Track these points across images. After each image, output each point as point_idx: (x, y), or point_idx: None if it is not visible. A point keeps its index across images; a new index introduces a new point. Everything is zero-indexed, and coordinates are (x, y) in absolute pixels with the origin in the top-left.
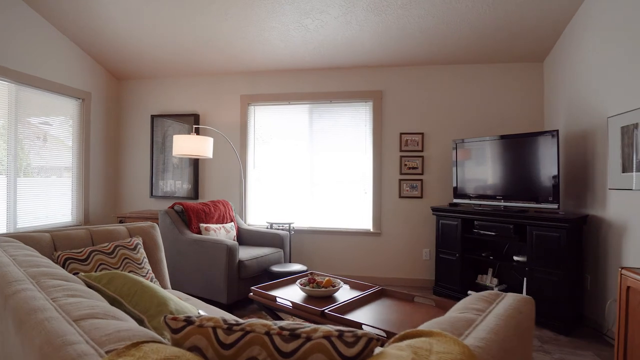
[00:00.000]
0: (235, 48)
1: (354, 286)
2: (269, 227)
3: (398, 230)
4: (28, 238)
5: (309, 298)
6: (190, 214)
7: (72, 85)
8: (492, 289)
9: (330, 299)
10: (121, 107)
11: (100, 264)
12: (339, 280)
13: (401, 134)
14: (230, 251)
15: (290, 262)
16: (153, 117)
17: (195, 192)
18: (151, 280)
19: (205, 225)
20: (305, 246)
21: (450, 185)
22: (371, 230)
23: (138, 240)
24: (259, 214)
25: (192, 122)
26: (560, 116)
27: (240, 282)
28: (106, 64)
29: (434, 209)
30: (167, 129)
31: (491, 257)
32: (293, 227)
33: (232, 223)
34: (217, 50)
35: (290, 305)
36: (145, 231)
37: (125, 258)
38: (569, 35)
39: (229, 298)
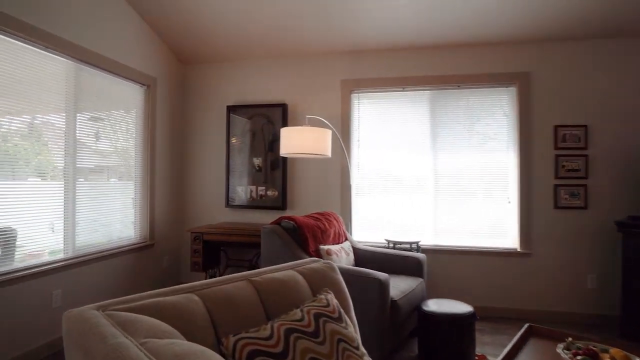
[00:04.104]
0: (340, 18)
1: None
2: (387, 246)
3: (554, 250)
4: (172, 311)
5: None
6: (305, 233)
7: (137, 67)
8: None
9: None
10: (189, 97)
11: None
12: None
13: (556, 126)
14: (383, 288)
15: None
16: (229, 108)
17: (283, 201)
18: None
19: (325, 247)
20: (428, 269)
21: (628, 192)
22: (518, 249)
23: (334, 299)
24: (366, 228)
25: (280, 113)
26: None
27: (391, 329)
28: (172, 45)
29: (620, 224)
30: (247, 122)
31: None
32: (420, 246)
33: (348, 242)
34: (313, 23)
35: None
36: (325, 277)
37: (340, 340)
38: None
39: (382, 352)
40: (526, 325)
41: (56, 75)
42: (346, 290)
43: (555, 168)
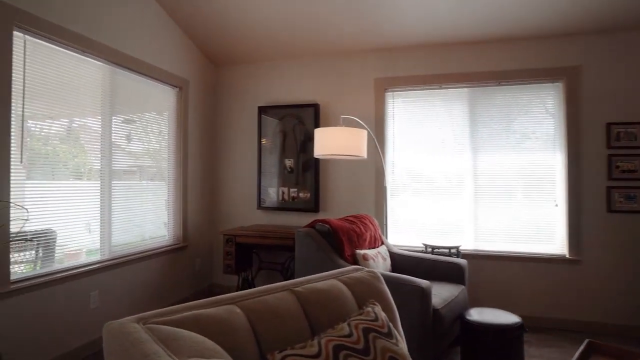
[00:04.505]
0: (373, 15)
1: None
2: (424, 250)
3: (607, 257)
4: (214, 325)
5: None
6: (341, 237)
7: (170, 70)
8: None
9: None
10: (220, 98)
11: None
12: None
13: (609, 124)
14: (425, 296)
15: None
16: (261, 109)
17: (315, 203)
18: None
19: (362, 252)
20: (468, 275)
21: None
22: (567, 255)
23: (382, 312)
24: (400, 232)
25: (312, 113)
26: None
27: (433, 339)
28: (204, 47)
29: None
30: (279, 123)
31: None
32: (460, 251)
33: (384, 247)
34: (345, 21)
35: None
36: (370, 287)
37: (392, 358)
38: None
39: None
40: (586, 342)
41: (93, 78)
42: (392, 302)
43: (607, 169)
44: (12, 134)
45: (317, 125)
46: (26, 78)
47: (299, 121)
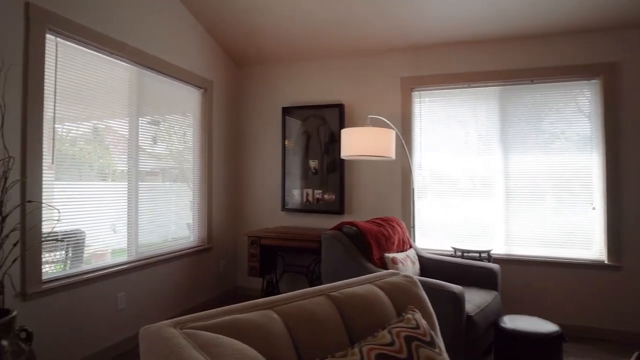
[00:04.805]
0: (399, 12)
1: None
2: (454, 254)
3: None
4: (253, 331)
5: None
6: (369, 239)
7: (195, 71)
8: None
9: None
10: (244, 99)
11: None
12: None
13: None
14: (458, 302)
15: None
16: (284, 110)
17: (340, 205)
18: None
19: (391, 255)
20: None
21: None
22: (605, 261)
23: (423, 320)
24: (427, 235)
25: (337, 114)
26: None
27: (466, 346)
28: (227, 47)
29: None
30: (303, 123)
31: None
32: (491, 256)
33: (413, 250)
34: (371, 19)
35: None
36: (408, 293)
37: None
38: None
39: None
40: (636, 354)
41: (121, 80)
42: (431, 309)
43: None
44: (43, 135)
45: (342, 126)
46: (57, 80)
47: (323, 122)
